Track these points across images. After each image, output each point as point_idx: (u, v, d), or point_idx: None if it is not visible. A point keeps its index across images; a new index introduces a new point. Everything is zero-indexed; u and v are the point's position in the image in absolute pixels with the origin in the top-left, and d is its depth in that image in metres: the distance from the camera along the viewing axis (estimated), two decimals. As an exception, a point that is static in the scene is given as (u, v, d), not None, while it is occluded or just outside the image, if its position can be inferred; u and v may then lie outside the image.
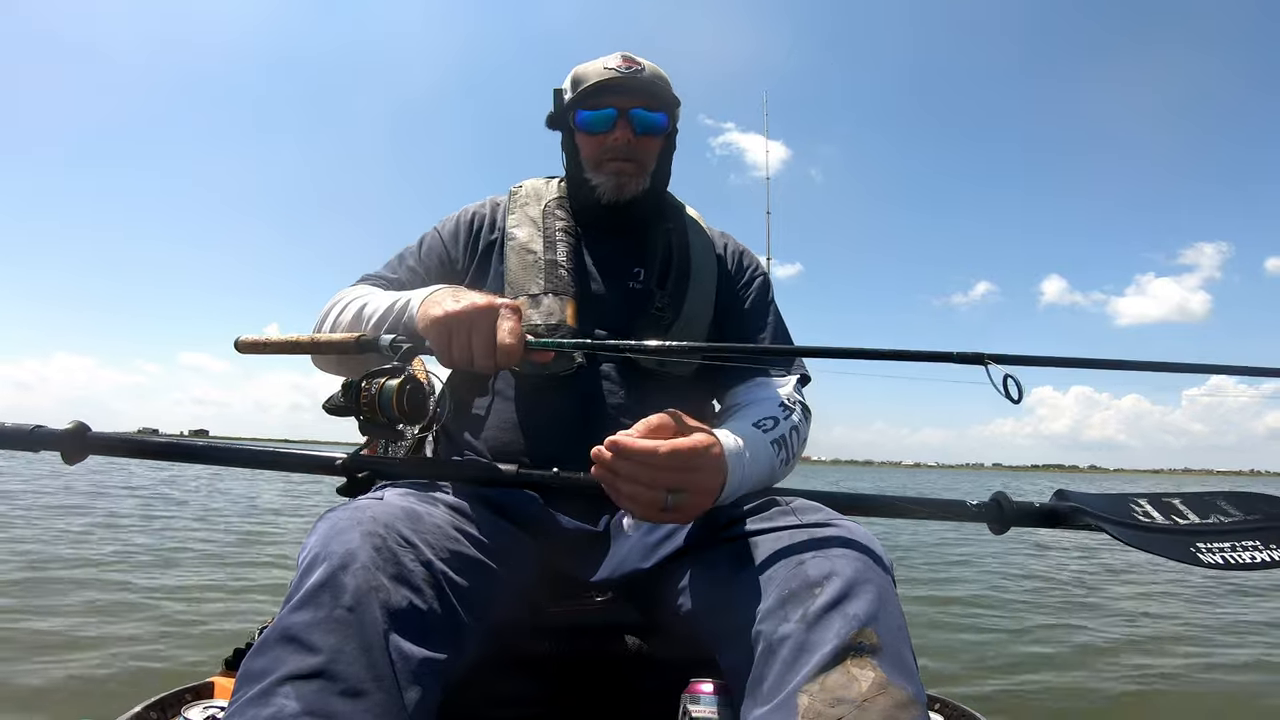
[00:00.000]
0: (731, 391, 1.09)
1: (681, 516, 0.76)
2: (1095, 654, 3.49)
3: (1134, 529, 1.02)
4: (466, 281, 1.09)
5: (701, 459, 0.75)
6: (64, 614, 3.15)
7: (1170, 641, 3.79)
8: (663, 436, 0.74)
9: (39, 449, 0.94)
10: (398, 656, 0.62)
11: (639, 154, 1.11)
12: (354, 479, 0.89)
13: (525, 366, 1.01)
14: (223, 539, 5.87)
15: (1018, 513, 1.04)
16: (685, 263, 1.13)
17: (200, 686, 1.00)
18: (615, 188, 1.10)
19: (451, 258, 1.14)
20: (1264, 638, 3.88)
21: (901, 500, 1.02)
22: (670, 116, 1.14)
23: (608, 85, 1.08)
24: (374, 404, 0.86)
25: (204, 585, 4.00)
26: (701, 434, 0.77)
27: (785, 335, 1.20)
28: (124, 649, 2.76)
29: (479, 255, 1.13)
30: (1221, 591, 5.24)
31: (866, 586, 0.67)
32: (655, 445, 0.71)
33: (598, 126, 1.10)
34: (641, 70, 1.10)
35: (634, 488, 0.71)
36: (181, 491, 10.53)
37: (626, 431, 0.73)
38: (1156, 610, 4.67)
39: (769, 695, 0.64)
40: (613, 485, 0.72)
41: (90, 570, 4.14)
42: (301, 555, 0.70)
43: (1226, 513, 1.04)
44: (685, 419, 0.80)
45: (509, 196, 1.19)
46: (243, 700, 0.59)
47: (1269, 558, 0.96)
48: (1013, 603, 4.79)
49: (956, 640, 3.65)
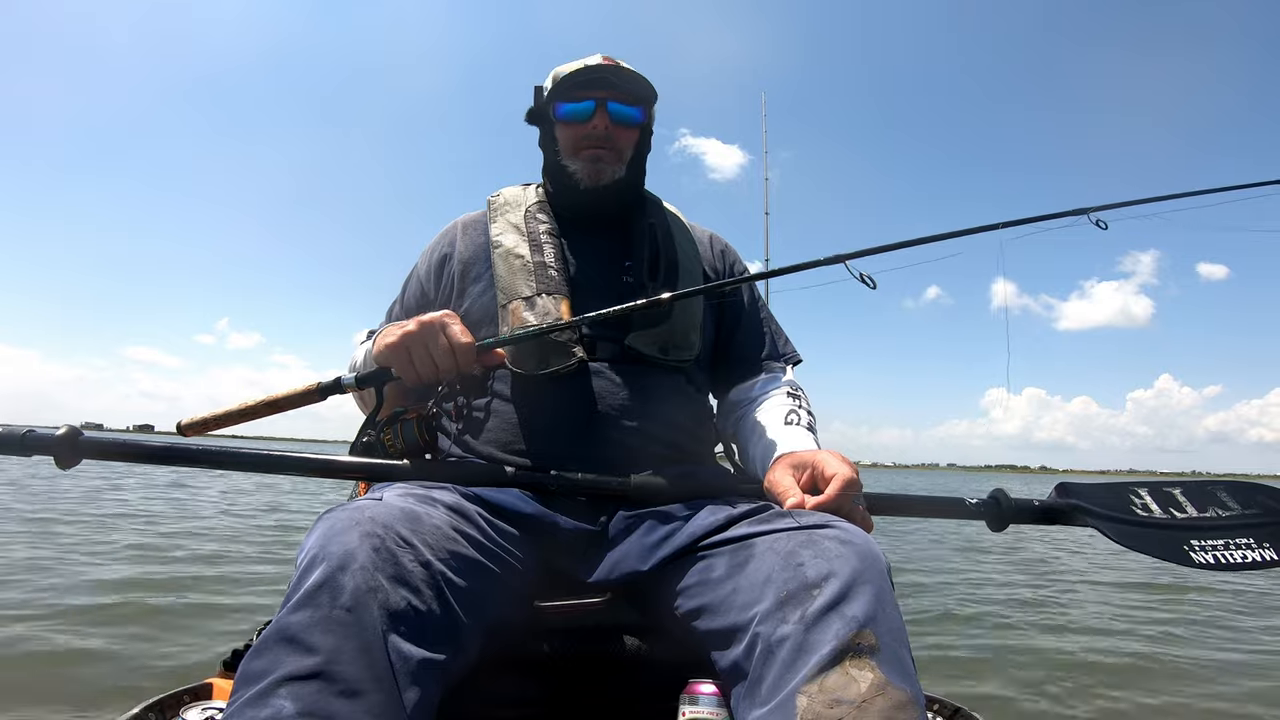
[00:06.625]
0: (738, 387, 1.18)
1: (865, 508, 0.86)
2: (1095, 653, 3.50)
3: (1130, 525, 1.02)
4: (459, 310, 1.13)
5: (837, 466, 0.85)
6: (62, 615, 3.14)
7: (1170, 640, 3.80)
8: (802, 476, 0.88)
9: (31, 454, 0.93)
10: (396, 657, 0.62)
11: (615, 142, 1.15)
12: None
13: (524, 364, 1.02)
14: (222, 539, 5.86)
15: (1016, 510, 1.04)
16: (673, 253, 1.16)
17: (199, 688, 0.99)
18: (592, 173, 1.14)
19: (430, 298, 1.19)
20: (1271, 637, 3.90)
21: (900, 498, 1.03)
22: (646, 112, 1.18)
23: (586, 79, 1.13)
24: (401, 448, 1.05)
25: (204, 585, 3.99)
26: (820, 460, 0.87)
27: (778, 325, 1.27)
28: (123, 650, 2.75)
29: (455, 282, 1.16)
30: (1225, 589, 5.26)
31: (865, 588, 0.67)
32: (832, 495, 0.82)
33: (576, 117, 1.14)
34: (620, 66, 1.14)
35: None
36: (181, 490, 10.50)
37: (795, 489, 0.85)
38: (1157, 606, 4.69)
39: (768, 696, 0.64)
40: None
41: (90, 570, 4.12)
42: (300, 556, 0.70)
43: (1225, 505, 1.05)
44: (797, 458, 0.91)
45: (488, 206, 1.22)
46: (241, 701, 0.59)
47: (1260, 557, 0.96)
48: (1012, 602, 4.80)
49: (956, 640, 3.66)
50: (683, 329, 1.09)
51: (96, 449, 0.95)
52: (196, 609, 3.44)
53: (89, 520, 6.37)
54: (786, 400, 1.09)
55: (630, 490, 0.92)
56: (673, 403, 1.06)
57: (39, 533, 5.40)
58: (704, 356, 1.16)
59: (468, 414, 1.06)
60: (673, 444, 1.03)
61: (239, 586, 4.02)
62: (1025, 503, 1.05)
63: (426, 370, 0.95)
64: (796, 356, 1.23)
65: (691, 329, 1.11)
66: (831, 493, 0.82)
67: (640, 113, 1.17)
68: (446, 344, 0.94)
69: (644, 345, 1.05)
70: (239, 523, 7.04)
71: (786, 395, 1.11)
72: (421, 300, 1.20)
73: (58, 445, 0.92)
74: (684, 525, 0.86)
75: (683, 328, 1.09)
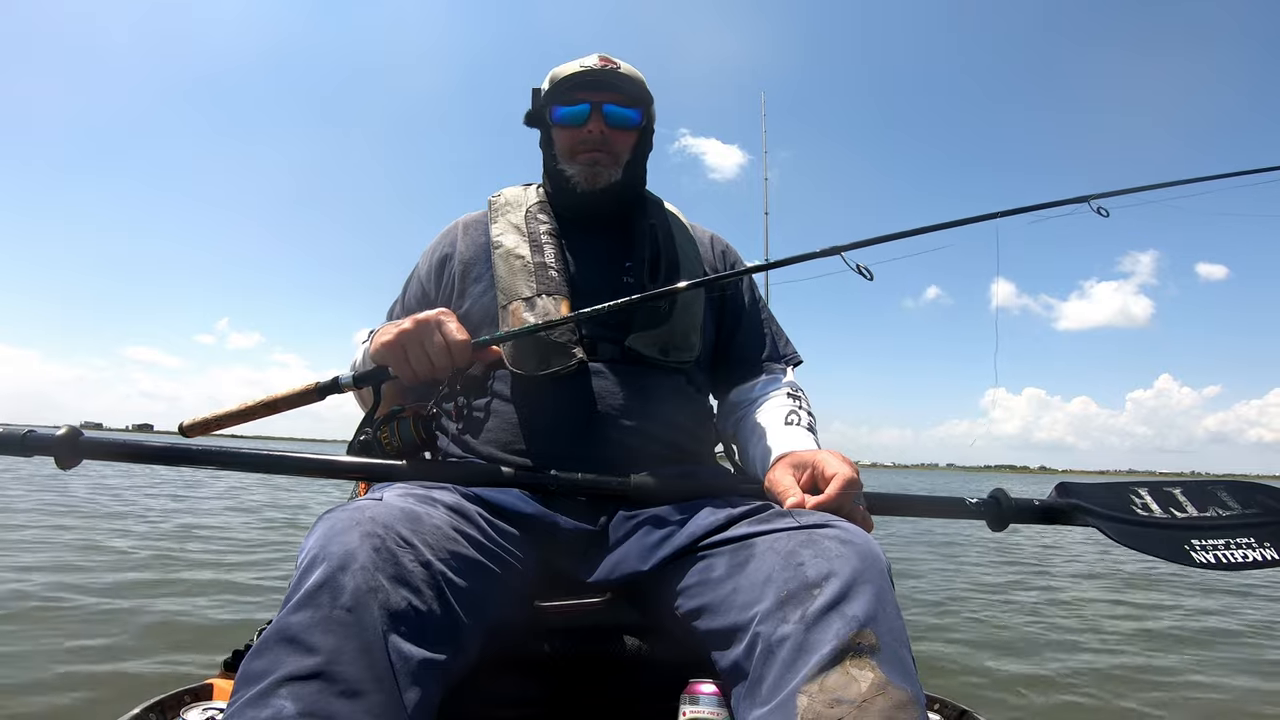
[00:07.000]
0: (739, 388, 1.18)
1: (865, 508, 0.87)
2: (1094, 652, 3.50)
3: (1130, 525, 1.02)
4: (459, 310, 1.13)
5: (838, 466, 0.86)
6: (61, 616, 3.14)
7: (1172, 639, 3.80)
8: (802, 476, 0.88)
9: (32, 454, 0.93)
10: (397, 657, 0.62)
11: (612, 145, 1.14)
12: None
13: (524, 365, 1.02)
14: (222, 537, 5.86)
15: (1016, 510, 1.04)
16: (673, 254, 1.16)
17: (199, 688, 0.99)
18: (589, 176, 1.14)
19: (431, 298, 1.19)
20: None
21: (900, 498, 1.03)
22: (644, 114, 1.17)
23: (582, 81, 1.12)
24: (398, 446, 1.06)
25: (204, 585, 3.99)
26: (820, 460, 0.88)
27: (778, 326, 1.27)
28: (123, 650, 2.75)
29: (456, 283, 1.16)
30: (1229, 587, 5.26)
31: (865, 587, 0.67)
32: (832, 495, 0.82)
33: (572, 120, 1.13)
34: (617, 68, 1.13)
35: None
36: (179, 489, 10.50)
37: (795, 489, 0.85)
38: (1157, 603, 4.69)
39: (768, 696, 0.64)
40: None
41: (88, 570, 4.12)
42: (300, 556, 0.70)
43: (1225, 505, 1.05)
44: (797, 458, 0.91)
45: (489, 206, 1.22)
46: (241, 701, 0.59)
47: (1261, 556, 0.96)
48: (1011, 602, 4.80)
49: (955, 640, 3.65)
50: (683, 330, 1.09)
51: (97, 449, 0.95)
52: (196, 609, 3.44)
53: (91, 516, 6.37)
54: (787, 401, 1.10)
55: (630, 490, 0.92)
56: (673, 403, 1.06)
57: (38, 531, 5.40)
58: (704, 357, 1.16)
59: (468, 414, 1.06)
60: (673, 444, 1.04)
61: (240, 585, 4.02)
62: (1025, 502, 1.05)
63: (422, 368, 0.95)
64: (797, 357, 1.24)
65: (692, 330, 1.11)
66: (832, 492, 0.82)
67: (637, 114, 1.16)
68: (442, 341, 0.94)
69: (644, 346, 1.05)
70: (238, 521, 7.03)
71: (787, 396, 1.11)
72: (422, 300, 1.20)
73: (58, 445, 0.92)
74: (684, 525, 0.87)
75: (683, 329, 1.09)
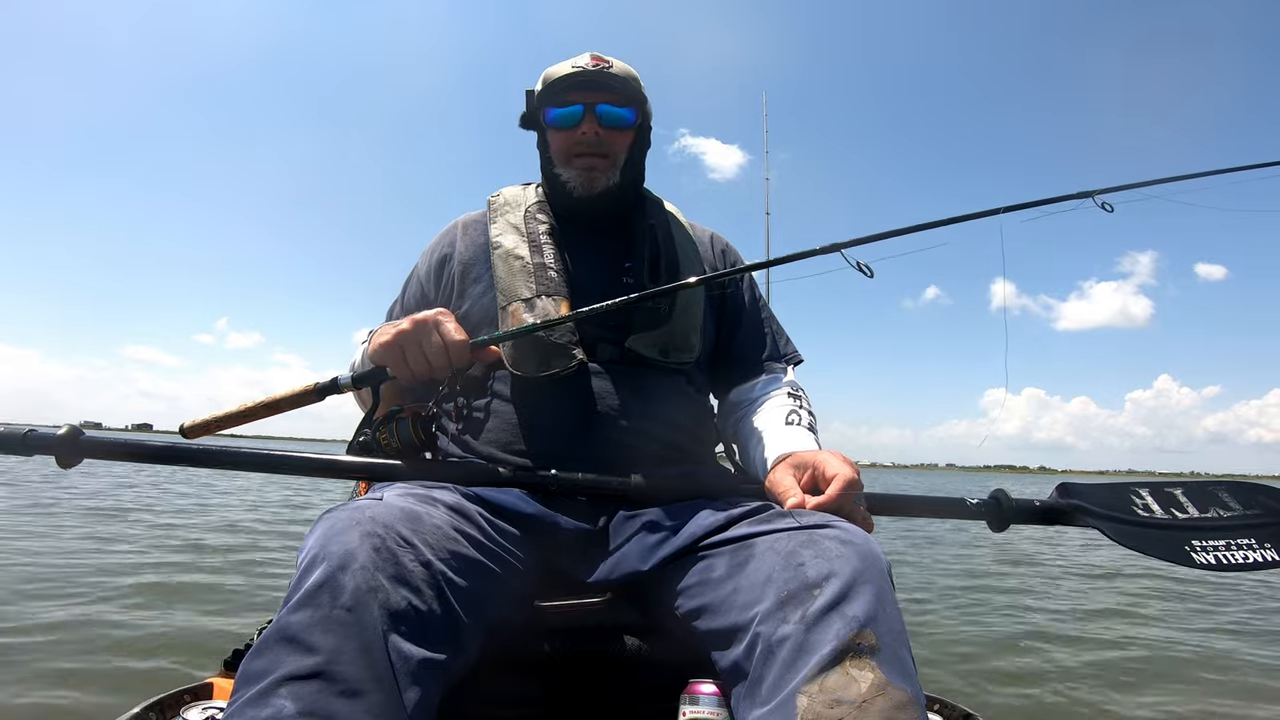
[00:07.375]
0: (739, 388, 1.18)
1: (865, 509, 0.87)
2: (1094, 651, 3.50)
3: (1131, 526, 1.02)
4: (459, 311, 1.12)
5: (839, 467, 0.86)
6: (61, 616, 3.14)
7: (1172, 638, 3.80)
8: (802, 476, 0.88)
9: (33, 453, 0.93)
10: (397, 657, 0.62)
11: (607, 148, 1.13)
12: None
13: (524, 366, 1.02)
14: (221, 537, 5.86)
15: (1017, 510, 1.04)
16: (673, 254, 1.16)
17: (199, 687, 0.99)
18: (585, 181, 1.13)
19: (430, 299, 1.18)
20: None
21: (900, 499, 1.03)
22: (638, 112, 1.16)
23: (574, 82, 1.11)
24: (397, 447, 1.07)
25: (203, 585, 3.99)
26: (821, 461, 0.88)
27: (779, 326, 1.26)
28: (123, 650, 2.75)
29: (456, 283, 1.15)
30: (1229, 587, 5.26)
31: (865, 588, 0.67)
32: (833, 495, 0.82)
33: (565, 122, 1.12)
34: (609, 67, 1.12)
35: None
36: (178, 489, 10.50)
37: (795, 489, 0.85)
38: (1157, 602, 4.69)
39: (768, 696, 0.64)
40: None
41: (88, 571, 4.12)
42: (301, 555, 0.70)
43: (1226, 505, 1.05)
44: (799, 460, 0.91)
45: (488, 206, 1.21)
46: (241, 701, 0.59)
47: (1261, 557, 0.96)
48: (1011, 602, 4.79)
49: (955, 639, 3.65)
50: (683, 331, 1.09)
51: (97, 448, 0.95)
52: (196, 608, 3.44)
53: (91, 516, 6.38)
54: (787, 401, 1.09)
55: (630, 490, 0.92)
56: (673, 403, 1.06)
57: (37, 530, 5.40)
58: (704, 357, 1.16)
59: (468, 414, 1.06)
60: (673, 444, 1.04)
61: (240, 585, 4.02)
62: (1026, 503, 1.05)
63: (420, 368, 0.95)
64: (797, 357, 1.23)
65: (692, 331, 1.11)
66: (832, 493, 0.82)
67: (632, 114, 1.14)
68: (440, 342, 0.94)
69: (644, 347, 1.05)
70: (237, 521, 7.04)
71: (787, 396, 1.11)
72: (422, 300, 1.19)
73: (59, 445, 0.92)
74: (684, 525, 0.86)
75: (683, 330, 1.09)
